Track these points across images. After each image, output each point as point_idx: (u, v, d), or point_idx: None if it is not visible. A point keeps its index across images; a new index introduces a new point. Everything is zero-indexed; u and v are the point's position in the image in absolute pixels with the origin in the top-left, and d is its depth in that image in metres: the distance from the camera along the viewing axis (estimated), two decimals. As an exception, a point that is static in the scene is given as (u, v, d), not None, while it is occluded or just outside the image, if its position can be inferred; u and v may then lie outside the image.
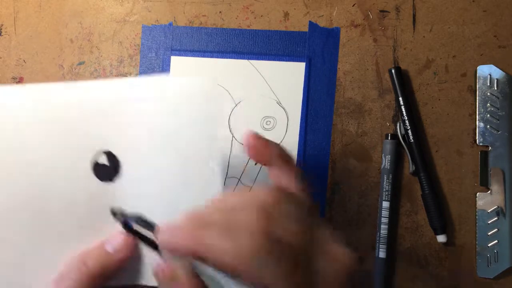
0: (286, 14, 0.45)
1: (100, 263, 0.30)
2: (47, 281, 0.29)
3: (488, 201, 0.42)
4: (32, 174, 0.31)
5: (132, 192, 0.31)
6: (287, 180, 0.30)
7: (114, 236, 0.31)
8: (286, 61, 0.45)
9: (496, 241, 0.42)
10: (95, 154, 0.31)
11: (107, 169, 0.31)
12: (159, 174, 0.32)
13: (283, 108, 0.44)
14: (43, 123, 0.31)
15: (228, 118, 0.44)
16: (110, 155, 0.32)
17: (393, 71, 0.43)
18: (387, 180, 0.42)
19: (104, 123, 0.31)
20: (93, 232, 0.31)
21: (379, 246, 0.42)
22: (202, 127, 0.32)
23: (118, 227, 0.31)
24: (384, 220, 0.42)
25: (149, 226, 0.29)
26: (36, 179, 0.31)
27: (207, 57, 0.45)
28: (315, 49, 0.45)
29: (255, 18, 0.45)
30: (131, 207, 0.31)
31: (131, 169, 0.32)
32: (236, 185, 0.44)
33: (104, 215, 0.31)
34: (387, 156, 0.42)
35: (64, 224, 0.31)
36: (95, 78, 0.45)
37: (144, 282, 0.31)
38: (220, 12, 0.45)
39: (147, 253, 0.31)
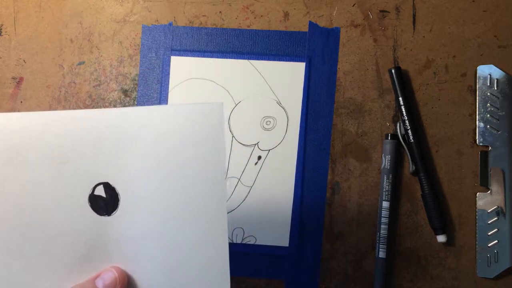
0: (286, 14, 0.45)
1: None
2: None
3: (488, 201, 0.42)
4: (27, 204, 0.29)
5: (130, 227, 0.30)
6: None
7: (106, 272, 0.30)
8: (286, 61, 0.45)
9: (496, 241, 0.42)
10: (92, 185, 0.30)
11: (104, 202, 0.30)
12: (159, 208, 0.30)
13: (283, 108, 0.44)
14: (38, 152, 0.30)
15: (228, 118, 0.44)
16: (107, 187, 0.30)
17: (393, 71, 0.43)
18: (387, 180, 0.42)
19: (102, 154, 0.30)
20: (86, 266, 0.30)
21: (379, 246, 0.42)
22: (207, 160, 0.30)
23: (111, 262, 0.30)
24: (384, 220, 0.42)
25: None
26: (31, 209, 0.29)
27: (207, 57, 0.45)
28: (315, 49, 0.45)
29: (255, 18, 0.45)
30: (127, 242, 0.30)
31: (130, 203, 0.30)
32: (236, 185, 0.44)
33: (99, 249, 0.30)
34: (387, 156, 0.42)
35: (58, 257, 0.30)
36: (95, 78, 0.45)
37: None
38: (220, 12, 0.45)
39: None
